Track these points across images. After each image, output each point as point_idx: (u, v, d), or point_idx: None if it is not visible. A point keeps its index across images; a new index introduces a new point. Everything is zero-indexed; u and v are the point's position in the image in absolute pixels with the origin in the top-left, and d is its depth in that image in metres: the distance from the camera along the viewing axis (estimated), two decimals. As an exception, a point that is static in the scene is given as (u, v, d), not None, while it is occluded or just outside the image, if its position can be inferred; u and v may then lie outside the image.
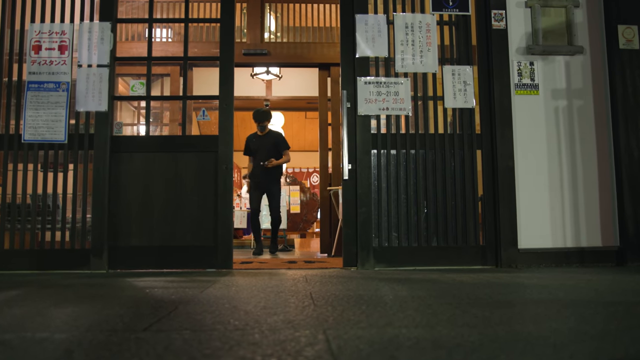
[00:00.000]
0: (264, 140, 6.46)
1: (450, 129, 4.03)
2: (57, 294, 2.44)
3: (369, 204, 3.85)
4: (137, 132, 8.40)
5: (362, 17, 4.01)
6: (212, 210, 3.86)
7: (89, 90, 3.88)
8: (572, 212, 3.96)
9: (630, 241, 3.88)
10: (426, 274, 3.36)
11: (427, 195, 3.91)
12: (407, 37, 4.01)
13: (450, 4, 4.08)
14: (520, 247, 3.85)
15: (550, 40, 4.07)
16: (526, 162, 3.96)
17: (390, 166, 3.92)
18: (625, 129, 3.95)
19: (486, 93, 4.03)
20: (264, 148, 6.40)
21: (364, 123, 3.91)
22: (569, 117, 4.04)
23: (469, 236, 3.89)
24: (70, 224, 3.92)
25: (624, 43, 4.01)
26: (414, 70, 4.00)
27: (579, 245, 3.94)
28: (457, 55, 4.07)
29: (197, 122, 8.97)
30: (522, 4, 4.10)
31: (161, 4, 6.39)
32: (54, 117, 3.85)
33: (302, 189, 9.76)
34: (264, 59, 6.42)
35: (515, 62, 4.02)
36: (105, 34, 3.93)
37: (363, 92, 3.92)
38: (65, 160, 3.86)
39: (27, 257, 3.77)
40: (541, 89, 4.04)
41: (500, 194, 3.88)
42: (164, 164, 3.89)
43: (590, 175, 4.01)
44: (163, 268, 3.81)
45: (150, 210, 3.86)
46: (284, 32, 6.84)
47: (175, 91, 6.49)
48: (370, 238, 3.83)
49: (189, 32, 4.10)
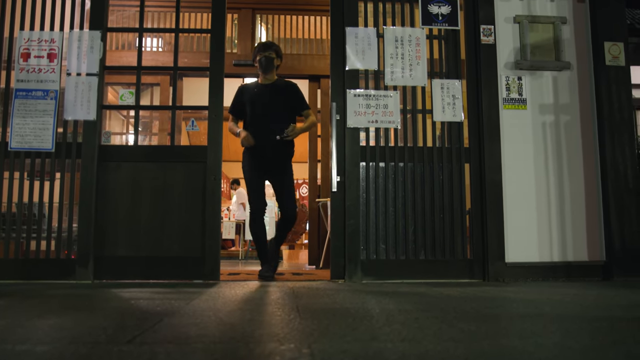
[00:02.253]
0: (269, 92, 4.11)
1: (439, 142, 4.05)
2: (40, 304, 2.41)
3: (357, 216, 3.85)
4: (126, 141, 8.36)
5: (352, 30, 4.03)
6: (199, 221, 3.84)
7: (77, 98, 3.86)
8: (559, 227, 3.98)
9: (616, 256, 3.90)
10: (413, 287, 3.36)
11: (416, 208, 3.92)
12: (397, 50, 4.04)
13: (439, 19, 4.11)
14: (507, 261, 3.86)
15: (538, 55, 4.12)
16: (514, 176, 3.98)
17: (379, 179, 3.93)
18: (612, 144, 3.99)
19: (475, 107, 4.06)
20: (270, 104, 4.06)
21: (353, 135, 3.92)
22: (556, 131, 4.08)
23: (457, 250, 3.90)
24: (56, 234, 3.88)
25: (610, 59, 4.06)
26: (403, 83, 4.02)
27: (565, 259, 3.95)
28: (446, 69, 4.10)
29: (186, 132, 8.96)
30: (511, 20, 4.15)
31: (152, 14, 6.39)
32: (41, 125, 3.83)
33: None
34: (254, 69, 6.41)
35: (504, 77, 4.06)
36: (95, 43, 3.92)
37: (352, 104, 3.93)
38: (52, 169, 3.83)
39: (12, 266, 3.72)
40: (529, 104, 4.07)
41: (488, 207, 3.90)
42: (152, 174, 3.87)
43: (577, 189, 4.04)
44: (150, 279, 3.78)
45: (138, 220, 3.83)
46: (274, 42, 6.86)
47: (164, 101, 6.47)
48: (358, 250, 3.82)
49: (180, 41, 4.10)
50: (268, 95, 4.10)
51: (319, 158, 6.44)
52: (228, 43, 6.60)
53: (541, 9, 4.19)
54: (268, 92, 4.12)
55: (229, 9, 4.43)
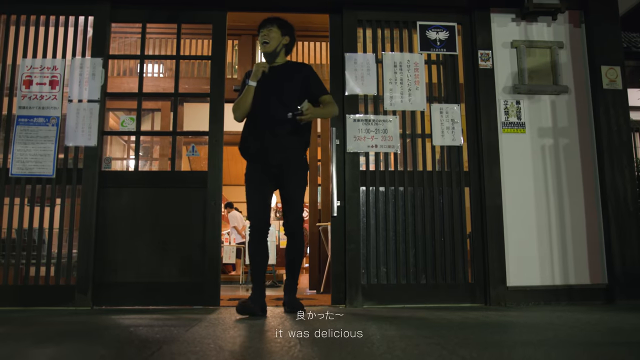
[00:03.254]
0: (279, 76, 3.40)
1: (439, 167, 4.06)
2: (39, 332, 2.40)
3: (357, 241, 3.84)
4: (127, 166, 8.39)
5: (351, 55, 4.07)
6: (200, 246, 3.83)
7: (78, 125, 3.89)
8: (560, 250, 3.97)
9: (617, 279, 3.88)
10: (415, 312, 3.34)
11: (416, 232, 3.91)
12: (396, 75, 4.08)
13: (437, 44, 4.16)
14: (509, 285, 3.84)
15: (535, 79, 4.15)
16: (514, 200, 3.98)
17: (379, 203, 3.93)
18: (611, 167, 4.00)
19: (474, 131, 4.08)
20: (280, 90, 3.33)
21: (353, 160, 3.93)
22: (556, 155, 4.09)
23: (458, 274, 3.88)
24: (56, 260, 3.86)
25: (607, 83, 4.10)
26: (402, 108, 4.05)
27: (567, 282, 3.93)
28: (445, 94, 4.14)
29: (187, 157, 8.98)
30: (508, 45, 4.19)
31: (153, 40, 6.46)
32: (42, 151, 3.84)
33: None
34: (254, 95, 6.46)
35: (502, 101, 4.09)
36: (97, 70, 3.96)
37: (352, 129, 3.95)
38: (53, 195, 3.83)
39: (11, 293, 3.70)
40: (528, 128, 4.09)
41: (489, 231, 3.89)
42: (153, 200, 3.87)
43: (577, 212, 4.03)
44: (149, 305, 3.76)
45: (138, 245, 3.82)
46: (274, 68, 6.92)
47: (165, 126, 6.51)
48: (359, 275, 3.81)
49: (181, 67, 4.14)
50: (277, 80, 3.37)
51: (319, 182, 6.45)
52: (228, 68, 6.66)
53: (538, 34, 4.23)
54: (278, 77, 3.38)
55: (229, 36, 4.49)
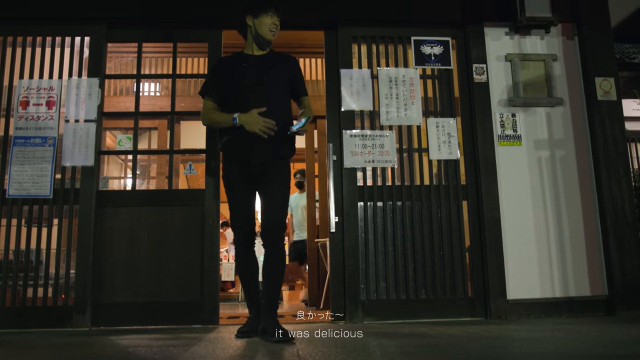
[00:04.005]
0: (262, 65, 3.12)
1: (436, 181, 4.07)
2: (36, 355, 2.38)
3: (356, 256, 3.83)
4: (124, 185, 8.38)
5: (346, 71, 4.09)
6: (198, 264, 3.81)
7: (75, 145, 3.89)
8: (559, 262, 3.96)
9: (618, 290, 3.87)
10: (415, 327, 3.32)
11: (415, 246, 3.90)
12: (392, 90, 4.10)
13: (432, 59, 4.18)
14: (509, 298, 3.83)
15: (530, 92, 4.17)
16: (512, 212, 3.98)
17: (377, 218, 3.92)
18: (608, 178, 4.00)
19: (470, 144, 4.09)
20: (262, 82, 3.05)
21: (350, 175, 3.93)
22: (552, 166, 4.10)
23: (458, 288, 3.87)
24: (54, 280, 3.84)
25: (602, 94, 4.12)
26: (398, 122, 4.06)
27: (567, 295, 3.92)
28: (440, 108, 4.15)
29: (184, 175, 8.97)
30: (502, 58, 4.22)
31: (149, 59, 6.49)
32: (39, 171, 3.84)
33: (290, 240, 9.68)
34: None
35: (498, 114, 4.10)
36: (93, 90, 3.97)
37: (349, 144, 3.96)
38: (50, 215, 3.82)
39: (7, 314, 3.67)
40: (524, 140, 4.11)
41: (488, 244, 3.88)
42: (150, 219, 3.86)
43: (575, 224, 4.03)
44: (148, 324, 3.73)
45: (136, 265, 3.81)
46: (271, 85, 6.94)
47: (162, 144, 6.51)
48: (359, 291, 3.79)
49: (177, 86, 4.15)
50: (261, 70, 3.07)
51: (316, 198, 6.44)
52: (225, 86, 6.67)
53: (532, 47, 4.26)
54: (261, 67, 3.09)
55: (225, 53, 4.50)
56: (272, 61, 3.15)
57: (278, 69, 3.12)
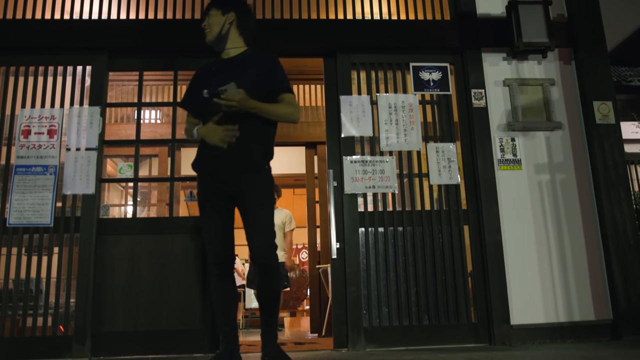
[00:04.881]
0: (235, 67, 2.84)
1: (437, 205, 4.06)
2: (35, 387, 2.35)
3: (358, 282, 3.81)
4: (125, 212, 8.37)
5: (346, 98, 4.12)
6: (198, 292, 3.78)
7: (76, 173, 3.89)
8: (563, 286, 3.93)
9: (623, 314, 3.83)
10: (418, 354, 3.28)
11: (417, 272, 3.88)
12: (391, 116, 4.12)
13: (431, 84, 4.22)
14: (513, 324, 3.79)
15: (529, 116, 4.19)
16: (514, 237, 3.97)
17: (379, 244, 3.91)
18: (609, 201, 4.00)
19: (470, 169, 4.10)
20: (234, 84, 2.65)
21: (351, 201, 3.93)
22: (553, 190, 4.10)
23: (461, 313, 3.84)
24: (53, 309, 3.81)
25: (600, 118, 4.14)
26: (398, 148, 4.07)
27: (572, 319, 3.88)
28: (440, 133, 4.17)
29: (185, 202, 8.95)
30: (500, 83, 4.25)
31: (150, 87, 6.54)
32: (40, 200, 3.84)
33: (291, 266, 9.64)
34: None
35: (497, 139, 4.12)
36: (95, 118, 3.99)
37: (349, 170, 3.97)
38: (50, 244, 3.81)
39: (6, 345, 3.63)
40: (524, 164, 4.11)
41: (490, 269, 3.86)
42: (151, 247, 3.85)
43: (578, 247, 4.01)
44: (149, 354, 3.69)
45: (136, 293, 3.78)
46: (271, 111, 6.97)
47: (163, 171, 6.52)
48: (361, 318, 3.76)
49: (177, 113, 4.18)
50: (228, 73, 2.78)
51: (317, 224, 6.43)
52: (225, 112, 6.70)
53: (529, 71, 4.30)
54: (228, 70, 2.81)
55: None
56: (242, 63, 2.82)
57: (248, 70, 2.77)
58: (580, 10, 4.34)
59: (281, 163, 8.40)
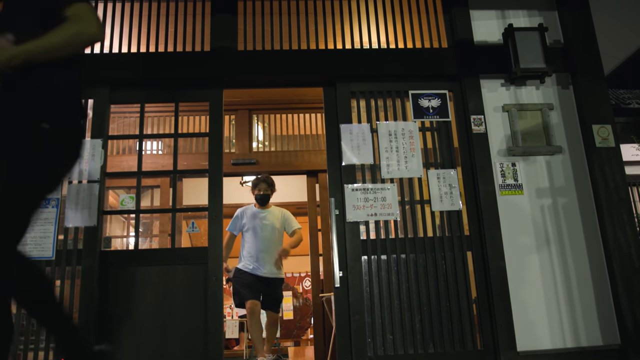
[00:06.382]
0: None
1: (439, 232, 4.05)
2: None
3: (362, 311, 3.78)
4: (127, 244, 8.35)
5: (346, 126, 4.14)
6: (202, 324, 3.75)
7: (78, 205, 3.90)
8: (569, 311, 3.89)
9: (630, 338, 3.78)
10: (425, 383, 3.23)
11: (421, 299, 3.85)
12: (391, 143, 4.14)
13: (430, 111, 4.24)
14: (519, 350, 3.74)
15: (529, 141, 4.21)
16: (517, 262, 3.94)
17: (382, 272, 3.89)
18: (612, 225, 3.98)
19: (472, 195, 4.10)
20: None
21: (353, 229, 3.92)
22: (556, 214, 4.09)
23: (466, 341, 3.79)
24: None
25: (600, 141, 4.15)
26: (399, 175, 4.08)
27: (579, 345, 3.83)
28: (440, 160, 4.18)
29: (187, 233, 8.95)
30: (500, 109, 4.28)
31: (152, 119, 6.59)
32: (42, 233, 3.83)
33: (294, 294, 9.60)
34: (253, 168, 6.53)
35: (498, 164, 4.13)
36: (97, 151, 4.01)
37: (351, 198, 3.97)
38: (53, 277, 3.79)
39: (8, 381, 3.59)
40: (525, 189, 4.11)
41: (494, 295, 3.83)
42: (153, 278, 3.83)
43: (582, 271, 3.99)
44: (151, 388, 3.64)
45: (139, 325, 3.75)
46: (271, 140, 7.02)
47: (165, 202, 6.52)
48: (365, 346, 3.72)
49: (179, 144, 4.20)
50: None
51: (320, 252, 6.41)
52: (226, 143, 6.76)
53: (528, 97, 4.33)
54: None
55: (226, 111, 4.59)
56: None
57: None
58: (576, 35, 4.39)
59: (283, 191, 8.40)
